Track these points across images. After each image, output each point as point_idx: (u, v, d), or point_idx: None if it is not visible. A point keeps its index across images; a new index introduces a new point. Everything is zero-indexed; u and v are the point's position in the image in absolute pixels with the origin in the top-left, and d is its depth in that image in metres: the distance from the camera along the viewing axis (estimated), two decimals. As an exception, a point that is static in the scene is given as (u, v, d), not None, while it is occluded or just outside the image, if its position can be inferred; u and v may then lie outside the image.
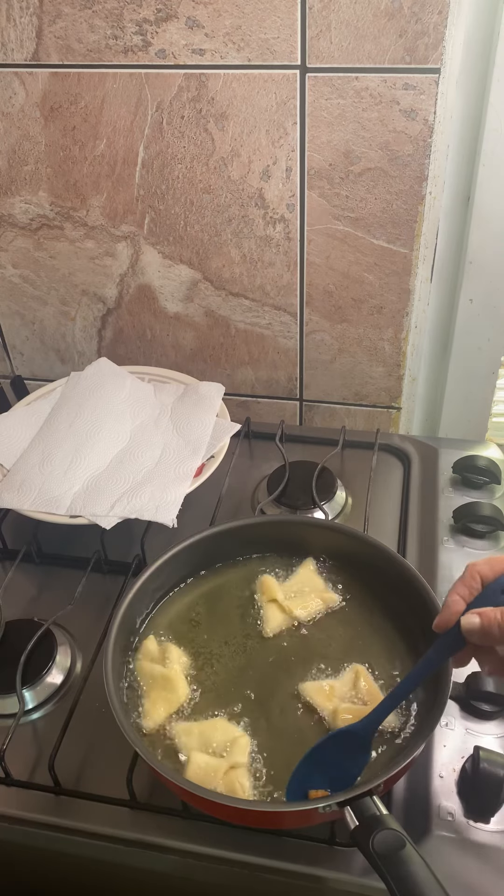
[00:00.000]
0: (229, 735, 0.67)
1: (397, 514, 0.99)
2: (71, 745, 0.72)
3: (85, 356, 1.18)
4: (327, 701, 0.69)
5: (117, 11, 0.86)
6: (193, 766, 0.64)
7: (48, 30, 0.89)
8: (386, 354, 1.07)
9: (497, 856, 0.64)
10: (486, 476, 0.98)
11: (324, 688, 0.70)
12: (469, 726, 0.73)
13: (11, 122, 0.97)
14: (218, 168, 0.95)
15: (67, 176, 1.00)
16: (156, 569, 0.76)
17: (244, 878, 0.67)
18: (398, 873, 0.53)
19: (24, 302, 1.14)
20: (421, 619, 0.71)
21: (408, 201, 0.93)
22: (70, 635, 0.85)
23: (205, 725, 0.68)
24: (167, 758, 0.66)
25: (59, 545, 0.95)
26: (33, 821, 0.70)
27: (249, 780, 0.64)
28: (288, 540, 0.82)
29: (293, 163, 0.93)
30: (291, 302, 1.05)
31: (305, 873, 0.65)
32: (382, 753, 0.65)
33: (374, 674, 0.71)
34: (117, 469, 0.95)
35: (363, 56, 0.84)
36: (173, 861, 0.68)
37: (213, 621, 0.77)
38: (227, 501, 0.98)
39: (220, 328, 1.10)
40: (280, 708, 0.70)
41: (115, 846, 0.68)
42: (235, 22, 0.84)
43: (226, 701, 0.71)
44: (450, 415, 1.16)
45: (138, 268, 1.07)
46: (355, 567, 0.80)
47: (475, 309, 1.04)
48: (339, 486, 1.00)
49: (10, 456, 0.98)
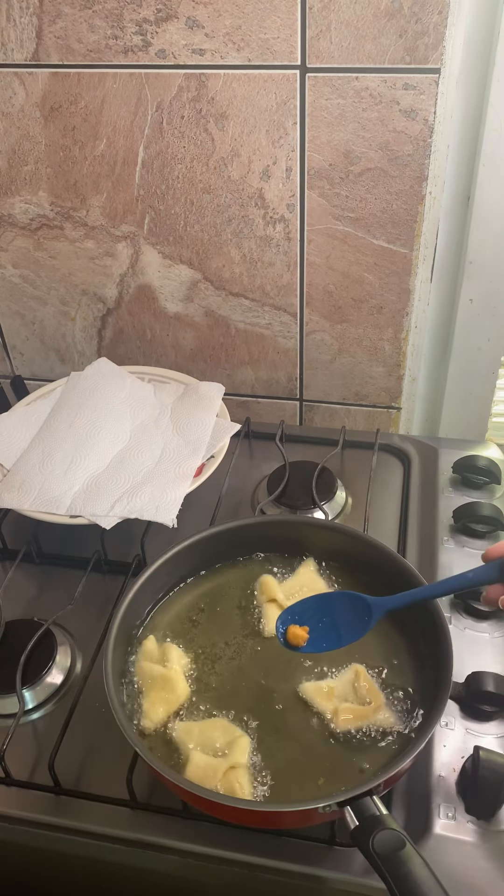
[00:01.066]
0: (229, 735, 0.67)
1: (397, 514, 0.99)
2: (71, 745, 0.72)
3: (85, 356, 1.18)
4: (327, 701, 0.69)
5: (117, 11, 0.86)
6: (193, 766, 0.64)
7: (48, 30, 0.89)
8: (386, 354, 1.07)
9: (497, 856, 0.64)
10: (486, 476, 0.98)
11: (323, 688, 0.70)
12: (469, 726, 0.73)
13: (11, 122, 0.97)
14: (218, 168, 0.95)
15: (67, 176, 1.00)
16: (156, 569, 0.76)
17: (244, 878, 0.67)
18: (398, 873, 0.53)
19: (24, 302, 1.14)
20: (420, 618, 0.71)
21: (408, 201, 0.93)
22: (70, 635, 0.85)
23: (205, 725, 0.68)
24: (167, 758, 0.66)
25: (59, 545, 0.95)
26: (33, 821, 0.70)
27: (249, 779, 0.64)
28: (288, 540, 0.82)
29: (293, 163, 0.93)
30: (291, 302, 1.05)
31: (305, 873, 0.65)
32: (382, 753, 0.65)
33: (375, 672, 0.71)
34: (117, 469, 0.95)
35: (363, 56, 0.84)
36: (173, 861, 0.68)
37: (213, 621, 0.77)
38: (227, 501, 0.98)
39: (220, 328, 1.10)
40: (280, 708, 0.70)
41: (115, 846, 0.68)
42: (235, 22, 0.84)
43: (226, 701, 0.71)
44: (450, 415, 1.16)
45: (138, 268, 1.07)
46: (355, 567, 0.80)
47: (475, 309, 1.04)
48: (339, 486, 1.00)
49: (10, 456, 0.98)
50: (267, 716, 0.69)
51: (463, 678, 0.73)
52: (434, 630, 0.69)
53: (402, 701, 0.69)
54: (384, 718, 0.67)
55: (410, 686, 0.70)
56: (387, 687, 0.70)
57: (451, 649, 0.66)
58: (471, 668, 0.75)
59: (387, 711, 0.68)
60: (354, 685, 0.70)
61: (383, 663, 0.72)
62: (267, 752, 0.66)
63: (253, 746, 0.67)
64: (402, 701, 0.69)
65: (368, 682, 0.70)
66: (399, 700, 0.69)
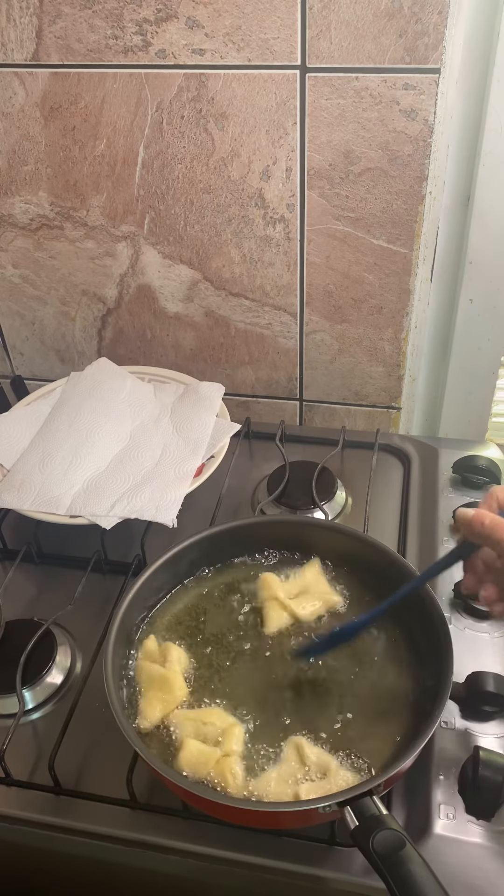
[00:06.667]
0: (224, 723, 0.67)
1: (397, 514, 0.99)
2: (71, 745, 0.72)
3: (85, 356, 1.18)
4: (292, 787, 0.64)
5: (117, 11, 0.86)
6: (186, 753, 0.65)
7: (48, 30, 0.89)
8: (386, 354, 1.07)
9: (497, 856, 0.64)
10: (486, 476, 0.98)
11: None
12: (469, 726, 0.73)
13: (11, 122, 0.97)
14: (218, 168, 0.95)
15: (67, 176, 1.00)
16: (156, 569, 0.76)
17: (244, 878, 0.67)
18: (398, 873, 0.53)
19: (24, 302, 1.14)
20: (420, 618, 0.71)
21: (408, 201, 0.93)
22: (70, 635, 0.85)
23: (201, 713, 0.69)
24: (165, 756, 0.66)
25: (59, 545, 0.95)
26: (33, 821, 0.70)
27: (241, 768, 0.64)
28: (288, 540, 0.82)
29: (293, 163, 0.93)
30: (291, 302, 1.05)
31: (305, 873, 0.65)
32: (382, 753, 0.65)
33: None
34: (117, 469, 0.95)
35: (363, 56, 0.84)
36: (173, 861, 0.68)
37: (213, 621, 0.77)
38: (227, 501, 0.98)
39: (220, 328, 1.10)
40: (279, 706, 0.70)
41: (115, 846, 0.68)
42: (235, 22, 0.84)
43: (224, 700, 0.70)
44: (450, 415, 1.16)
45: (138, 268, 1.07)
46: (355, 567, 0.80)
47: (475, 309, 1.04)
48: (339, 486, 1.00)
49: (10, 456, 0.98)
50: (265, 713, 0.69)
51: (463, 678, 0.73)
52: (434, 630, 0.69)
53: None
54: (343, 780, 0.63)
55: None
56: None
57: (451, 649, 0.66)
58: (471, 668, 0.74)
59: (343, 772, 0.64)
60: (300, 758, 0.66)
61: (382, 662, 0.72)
62: (261, 745, 0.66)
63: (247, 738, 0.67)
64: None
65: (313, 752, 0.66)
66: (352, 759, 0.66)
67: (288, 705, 0.70)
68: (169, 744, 0.67)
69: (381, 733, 0.67)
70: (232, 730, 0.66)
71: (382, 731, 0.67)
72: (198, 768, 0.64)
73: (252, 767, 0.65)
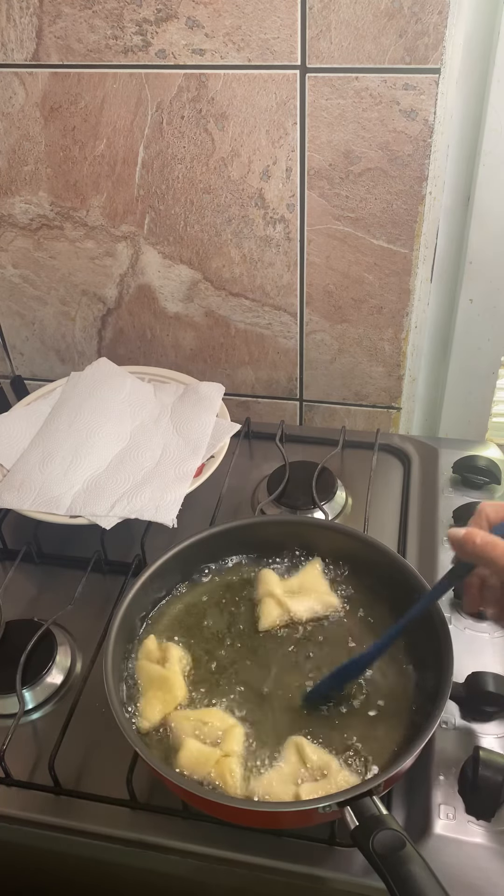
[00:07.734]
0: (223, 723, 0.67)
1: (397, 514, 0.99)
2: (71, 745, 0.72)
3: (85, 356, 1.18)
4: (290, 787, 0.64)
5: (117, 11, 0.86)
6: (186, 752, 0.65)
7: (48, 30, 0.89)
8: (386, 354, 1.07)
9: (497, 856, 0.64)
10: (486, 476, 0.98)
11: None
12: (469, 726, 0.73)
13: (11, 122, 0.97)
14: (218, 168, 0.95)
15: (67, 176, 1.00)
16: (156, 569, 0.76)
17: (244, 878, 0.67)
18: (398, 873, 0.53)
19: (24, 302, 1.14)
20: (420, 618, 0.71)
21: (408, 201, 0.93)
22: (70, 635, 0.85)
23: (201, 713, 0.69)
24: (165, 756, 0.66)
25: (59, 545, 0.95)
26: (33, 821, 0.70)
27: (241, 769, 0.64)
28: (288, 540, 0.82)
29: (293, 163, 0.93)
30: (291, 302, 1.05)
31: (305, 873, 0.65)
32: (382, 753, 0.65)
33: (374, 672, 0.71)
34: (117, 469, 0.95)
35: (363, 56, 0.84)
36: (173, 861, 0.68)
37: (213, 621, 0.77)
38: (227, 501, 0.98)
39: (220, 328, 1.10)
40: (279, 706, 0.70)
41: (115, 846, 0.68)
42: (235, 22, 0.84)
43: (224, 700, 0.70)
44: (450, 415, 1.16)
45: (138, 268, 1.07)
46: (355, 567, 0.80)
47: (475, 309, 1.04)
48: (339, 486, 1.00)
49: (10, 456, 0.98)
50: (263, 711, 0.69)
51: (463, 678, 0.73)
52: (434, 630, 0.69)
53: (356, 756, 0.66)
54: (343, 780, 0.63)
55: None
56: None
57: (451, 649, 0.66)
58: (471, 668, 0.74)
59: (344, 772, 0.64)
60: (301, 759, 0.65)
61: (381, 663, 0.72)
62: (260, 745, 0.66)
63: (247, 737, 0.67)
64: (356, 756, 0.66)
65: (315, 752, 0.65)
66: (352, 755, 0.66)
67: (288, 705, 0.70)
68: (169, 744, 0.67)
69: (382, 733, 0.67)
70: (232, 730, 0.66)
71: (382, 731, 0.67)
72: (198, 768, 0.64)
73: (252, 767, 0.65)
